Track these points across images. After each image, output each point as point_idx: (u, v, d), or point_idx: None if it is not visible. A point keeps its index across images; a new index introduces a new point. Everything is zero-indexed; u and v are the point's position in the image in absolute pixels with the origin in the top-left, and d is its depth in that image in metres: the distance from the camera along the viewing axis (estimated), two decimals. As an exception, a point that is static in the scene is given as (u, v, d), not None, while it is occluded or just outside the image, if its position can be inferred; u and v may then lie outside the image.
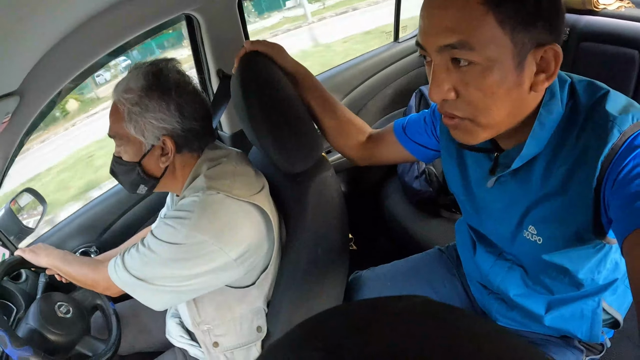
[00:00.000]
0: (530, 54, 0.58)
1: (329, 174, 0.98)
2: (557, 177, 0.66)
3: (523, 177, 0.71)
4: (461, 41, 0.57)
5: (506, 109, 0.61)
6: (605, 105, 0.62)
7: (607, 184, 0.61)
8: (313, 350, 0.21)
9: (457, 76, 0.60)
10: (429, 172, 1.58)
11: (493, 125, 0.63)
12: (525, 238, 0.75)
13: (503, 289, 0.88)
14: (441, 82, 0.61)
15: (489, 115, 0.61)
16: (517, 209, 0.73)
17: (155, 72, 0.86)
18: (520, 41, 0.57)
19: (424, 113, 0.95)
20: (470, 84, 0.59)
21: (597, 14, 1.78)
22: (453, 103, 0.62)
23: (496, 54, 0.57)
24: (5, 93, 0.79)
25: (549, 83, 0.60)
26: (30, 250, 1.03)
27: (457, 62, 0.59)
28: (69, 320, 0.99)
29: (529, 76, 0.60)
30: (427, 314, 0.24)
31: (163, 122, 0.85)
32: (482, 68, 0.58)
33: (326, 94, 1.00)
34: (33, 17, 0.65)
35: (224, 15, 1.31)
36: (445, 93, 0.61)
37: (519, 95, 0.61)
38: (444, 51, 0.59)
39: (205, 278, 0.85)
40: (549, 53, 0.58)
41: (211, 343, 0.98)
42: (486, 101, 0.60)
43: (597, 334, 0.85)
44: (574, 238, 0.69)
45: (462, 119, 0.64)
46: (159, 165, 0.90)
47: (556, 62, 0.59)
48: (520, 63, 0.58)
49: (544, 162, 0.67)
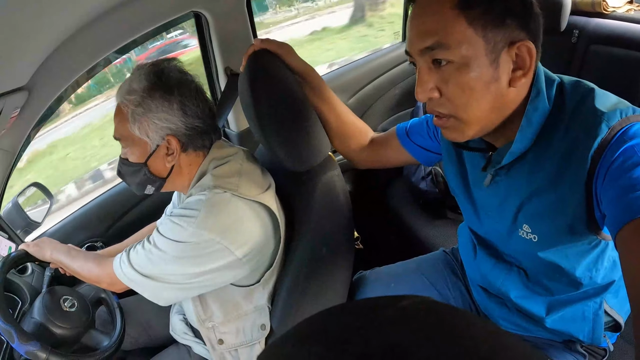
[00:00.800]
0: (504, 51, 0.62)
1: (335, 174, 0.98)
2: (546, 173, 0.68)
3: (514, 174, 0.73)
4: (437, 42, 0.62)
5: (486, 104, 0.65)
6: (592, 101, 0.65)
7: (598, 178, 0.63)
8: (313, 346, 0.21)
9: (438, 76, 0.65)
10: (435, 173, 1.58)
11: (475, 121, 0.67)
12: (520, 237, 0.76)
13: (504, 291, 0.88)
14: (424, 82, 0.66)
15: (470, 110, 0.66)
16: (510, 206, 0.76)
17: (157, 72, 0.86)
18: (492, 39, 0.61)
19: (426, 117, 0.96)
20: (449, 81, 0.64)
21: (606, 17, 1.77)
22: (437, 101, 0.67)
23: (470, 52, 0.62)
24: (14, 88, 0.80)
25: (527, 79, 0.65)
26: (34, 244, 1.03)
27: (437, 63, 0.64)
28: (74, 314, 1.00)
29: (506, 72, 0.64)
30: (428, 314, 0.24)
31: (167, 121, 0.85)
32: (459, 65, 0.63)
33: (331, 95, 1.00)
34: (42, 14, 0.65)
35: (232, 12, 1.31)
36: (428, 92, 0.67)
37: (497, 90, 0.64)
38: (425, 54, 0.65)
39: (211, 276, 0.85)
40: (522, 50, 0.62)
41: (216, 340, 0.98)
42: (465, 97, 0.65)
43: (599, 337, 0.85)
44: (568, 234, 0.70)
45: (447, 117, 0.68)
46: (165, 165, 0.90)
47: (530, 58, 0.63)
48: (495, 60, 0.62)
49: (533, 158, 0.70)
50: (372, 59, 1.88)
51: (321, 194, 0.95)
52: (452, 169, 0.88)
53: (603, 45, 1.70)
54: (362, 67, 1.85)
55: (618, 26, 1.69)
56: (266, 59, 0.89)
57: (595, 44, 1.72)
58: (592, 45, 1.73)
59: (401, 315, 0.23)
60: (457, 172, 0.86)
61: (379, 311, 0.24)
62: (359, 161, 1.07)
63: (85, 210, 1.40)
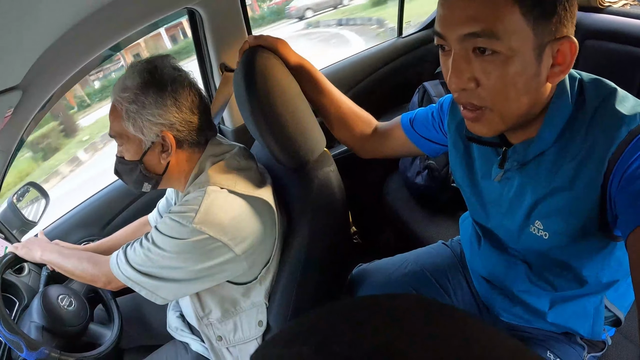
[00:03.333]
0: (548, 45, 0.59)
1: (331, 169, 0.98)
2: (564, 173, 0.67)
3: (531, 171, 0.72)
4: (486, 30, 0.57)
5: (526, 100, 0.63)
6: (614, 103, 0.63)
7: (613, 181, 0.62)
8: (304, 345, 0.21)
9: (478, 65, 0.61)
10: (431, 167, 1.57)
11: (513, 116, 0.64)
12: (531, 233, 0.75)
13: (507, 284, 0.89)
14: (461, 71, 0.62)
15: (508, 104, 0.63)
16: (524, 203, 0.74)
17: (150, 69, 0.86)
18: (541, 33, 0.58)
19: (431, 107, 0.95)
20: (492, 73, 0.60)
21: (602, 12, 1.76)
22: (472, 92, 0.63)
23: (519, 45, 0.58)
24: (7, 87, 0.79)
25: (564, 75, 0.62)
26: (23, 245, 1.03)
27: (479, 51, 0.60)
28: (73, 311, 1.00)
29: (546, 67, 0.61)
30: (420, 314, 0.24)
31: (161, 118, 0.85)
32: (505, 57, 0.59)
33: (330, 87, 1.00)
34: (35, 12, 0.64)
35: (226, 9, 1.31)
36: (465, 82, 0.62)
37: (536, 86, 0.62)
38: (466, 40, 0.60)
39: (210, 273, 0.86)
40: (565, 45, 0.59)
41: (215, 337, 0.99)
42: (506, 90, 0.61)
43: (599, 331, 0.86)
44: (579, 234, 0.70)
45: (482, 110, 0.65)
46: (161, 162, 0.90)
47: (572, 55, 0.60)
48: (540, 54, 0.59)
49: (553, 156, 0.68)
50: (369, 54, 1.88)
51: (317, 190, 0.95)
52: (459, 161, 0.86)
53: (599, 40, 1.70)
54: (358, 62, 1.85)
55: (614, 21, 1.69)
56: (261, 55, 0.88)
57: (591, 38, 1.71)
58: (588, 40, 1.72)
59: (392, 315, 0.23)
60: (465, 165, 0.85)
61: (370, 311, 0.24)
62: (361, 151, 1.07)
63: (81, 208, 1.40)
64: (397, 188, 1.80)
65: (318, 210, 0.95)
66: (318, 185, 0.95)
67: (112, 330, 1.04)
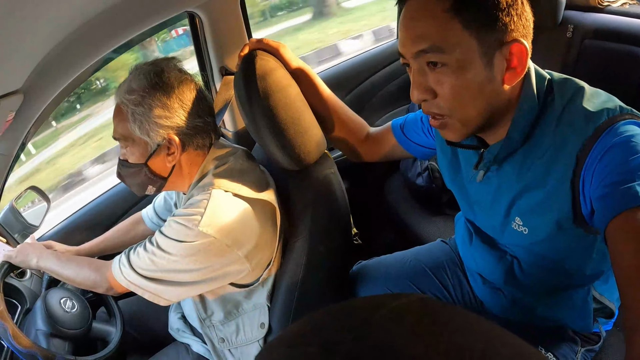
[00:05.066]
0: (498, 51, 0.63)
1: (331, 171, 0.98)
2: (536, 170, 0.70)
3: (506, 170, 0.75)
4: (432, 45, 0.63)
5: (482, 104, 0.66)
6: (581, 101, 0.66)
7: (585, 177, 0.65)
8: (308, 346, 0.21)
9: (432, 77, 0.66)
10: (432, 168, 1.58)
11: (472, 120, 0.68)
12: (513, 229, 0.79)
13: (497, 278, 0.91)
14: (419, 84, 0.67)
15: (465, 110, 0.67)
16: (503, 202, 0.78)
17: (156, 71, 0.86)
18: (486, 41, 0.62)
19: (420, 112, 0.97)
20: (445, 83, 0.65)
21: (601, 11, 1.77)
22: (432, 103, 0.68)
23: (465, 55, 0.62)
24: (9, 91, 0.80)
25: (519, 77, 0.65)
26: (18, 252, 1.01)
27: (432, 64, 0.65)
28: (76, 314, 1.00)
29: (500, 71, 0.64)
30: (421, 313, 0.24)
31: (167, 120, 0.85)
32: (454, 68, 0.63)
33: (328, 92, 1.02)
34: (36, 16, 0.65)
35: (226, 12, 1.31)
36: (423, 94, 0.67)
37: (492, 90, 0.66)
38: (419, 56, 0.65)
39: (214, 275, 0.86)
40: (515, 49, 0.63)
41: (217, 339, 0.99)
42: (461, 97, 0.65)
43: (589, 323, 0.87)
44: (555, 228, 0.72)
45: (443, 117, 0.69)
46: (166, 165, 0.90)
47: (524, 57, 0.63)
48: (489, 61, 0.63)
49: (524, 155, 0.72)
50: (368, 56, 1.88)
51: (318, 192, 0.96)
52: (447, 165, 0.90)
53: (598, 40, 1.70)
54: (357, 64, 1.85)
55: (613, 20, 1.69)
56: (261, 58, 0.89)
57: (591, 38, 1.71)
58: (588, 40, 1.72)
59: (394, 315, 0.23)
60: (452, 168, 0.89)
61: (373, 311, 0.24)
62: (356, 156, 1.09)
63: (83, 212, 1.40)
64: (398, 189, 1.80)
65: (319, 212, 0.95)
66: (319, 187, 0.96)
67: (116, 326, 1.05)
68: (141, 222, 1.22)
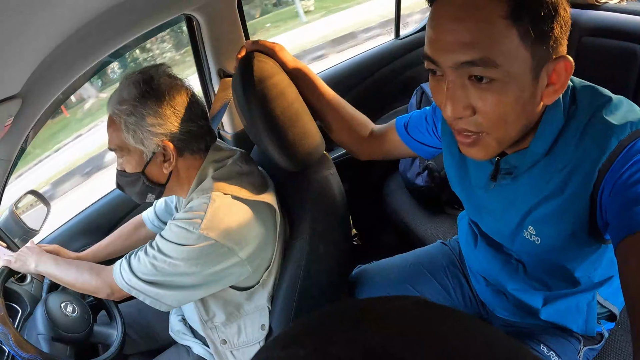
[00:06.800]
0: (544, 66, 0.57)
1: (330, 172, 0.98)
2: (555, 181, 0.67)
3: (523, 180, 0.71)
4: (483, 58, 0.54)
5: (522, 122, 0.61)
6: (605, 113, 0.62)
7: (604, 191, 0.62)
8: (301, 348, 0.21)
9: (475, 93, 0.58)
10: (431, 168, 1.58)
11: (508, 139, 0.63)
12: (525, 238, 0.76)
13: (501, 282, 0.90)
14: (458, 100, 0.58)
15: (506, 129, 0.61)
16: (517, 211, 0.74)
17: (146, 79, 0.86)
18: (538, 55, 0.55)
19: (425, 111, 0.95)
20: (489, 100, 0.57)
21: (598, 8, 1.77)
22: (468, 119, 0.61)
23: (517, 70, 0.55)
24: (7, 96, 0.80)
25: (558, 95, 0.60)
26: (17, 257, 1.01)
27: (476, 79, 0.57)
28: (77, 318, 1.01)
29: (542, 88, 0.59)
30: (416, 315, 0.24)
31: (160, 127, 0.85)
32: (503, 84, 0.56)
33: (327, 91, 1.00)
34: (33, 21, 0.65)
35: (223, 15, 1.31)
36: (461, 111, 0.59)
37: (532, 107, 0.60)
38: (462, 68, 0.56)
39: (216, 278, 0.86)
40: (561, 65, 0.57)
41: (219, 340, 0.99)
42: (504, 116, 0.59)
43: (593, 327, 0.87)
44: (570, 239, 0.70)
45: (478, 135, 0.62)
46: (163, 172, 0.91)
47: (567, 74, 0.58)
48: (536, 76, 0.57)
49: (544, 166, 0.68)
50: (368, 56, 1.88)
51: (317, 193, 0.96)
52: (454, 168, 0.87)
53: (596, 37, 1.70)
54: (356, 65, 1.85)
55: (611, 18, 1.69)
56: (258, 60, 0.89)
57: (588, 35, 1.72)
58: (585, 37, 1.73)
59: (388, 317, 0.23)
60: (459, 172, 0.85)
61: (367, 313, 0.24)
62: (359, 154, 1.08)
63: (83, 216, 1.40)
64: (397, 189, 1.80)
65: (318, 213, 0.96)
66: (318, 188, 0.96)
67: (117, 330, 1.05)
68: (143, 225, 1.22)
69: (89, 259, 1.16)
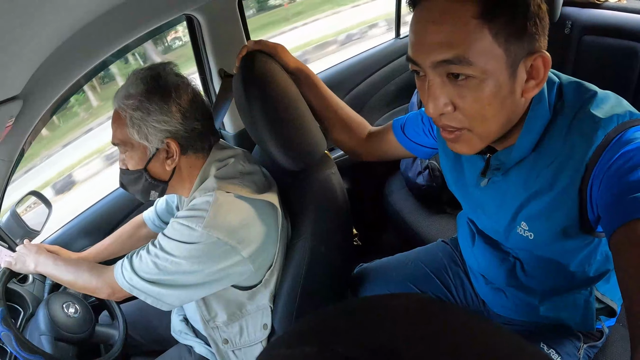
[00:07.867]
0: (522, 62, 0.59)
1: (331, 172, 0.98)
2: (544, 176, 0.68)
3: (513, 177, 0.73)
4: (458, 56, 0.57)
5: (502, 117, 0.63)
6: (591, 107, 0.64)
7: (593, 184, 0.63)
8: (307, 346, 0.21)
9: (453, 90, 0.61)
10: (432, 167, 1.58)
11: (491, 134, 0.65)
12: (518, 234, 0.77)
13: (499, 279, 0.91)
14: (437, 97, 0.62)
15: (486, 124, 0.63)
16: (509, 207, 0.76)
17: (154, 75, 0.87)
18: (513, 52, 0.58)
19: (421, 112, 0.96)
20: (467, 96, 0.60)
21: (599, 7, 1.77)
22: (450, 116, 0.64)
23: (492, 67, 0.58)
24: (8, 97, 0.80)
25: (538, 89, 0.62)
26: (17, 258, 1.01)
27: (453, 76, 0.60)
28: (79, 318, 1.01)
29: (520, 84, 0.61)
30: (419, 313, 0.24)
31: (165, 124, 0.86)
32: (479, 81, 0.59)
33: (327, 92, 1.01)
34: (34, 21, 0.65)
35: (224, 15, 1.31)
36: (442, 107, 0.62)
37: (512, 102, 0.62)
38: (440, 66, 0.59)
39: (218, 277, 0.86)
40: (538, 60, 0.60)
41: (221, 340, 0.99)
42: (483, 112, 0.61)
43: (591, 323, 0.87)
44: (561, 233, 0.71)
45: (460, 130, 0.65)
46: (166, 169, 0.91)
47: (545, 69, 0.60)
48: (514, 72, 0.59)
49: (533, 162, 0.69)
50: (367, 56, 1.88)
51: (318, 193, 0.96)
52: (450, 167, 0.88)
53: (596, 36, 1.71)
54: (356, 64, 1.85)
55: (611, 16, 1.70)
56: (259, 60, 0.89)
57: (589, 34, 1.72)
58: (586, 36, 1.73)
59: (394, 315, 0.23)
60: (454, 171, 0.87)
61: (372, 311, 0.24)
62: (356, 155, 1.09)
63: (85, 216, 1.40)
64: (398, 188, 1.80)
65: (320, 213, 0.96)
66: (319, 187, 0.96)
67: (119, 330, 1.05)
68: (143, 225, 1.22)
69: (90, 259, 1.16)
